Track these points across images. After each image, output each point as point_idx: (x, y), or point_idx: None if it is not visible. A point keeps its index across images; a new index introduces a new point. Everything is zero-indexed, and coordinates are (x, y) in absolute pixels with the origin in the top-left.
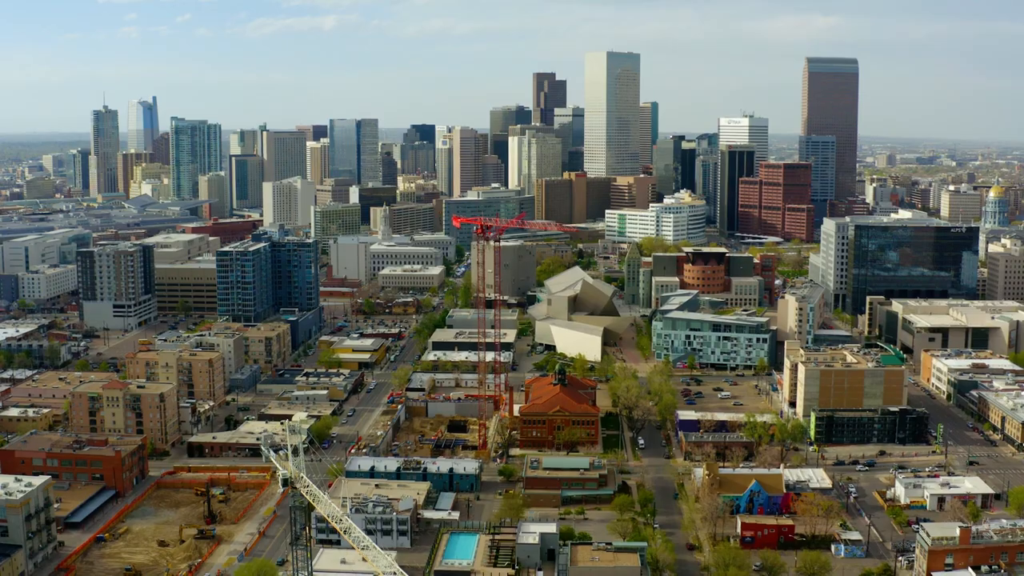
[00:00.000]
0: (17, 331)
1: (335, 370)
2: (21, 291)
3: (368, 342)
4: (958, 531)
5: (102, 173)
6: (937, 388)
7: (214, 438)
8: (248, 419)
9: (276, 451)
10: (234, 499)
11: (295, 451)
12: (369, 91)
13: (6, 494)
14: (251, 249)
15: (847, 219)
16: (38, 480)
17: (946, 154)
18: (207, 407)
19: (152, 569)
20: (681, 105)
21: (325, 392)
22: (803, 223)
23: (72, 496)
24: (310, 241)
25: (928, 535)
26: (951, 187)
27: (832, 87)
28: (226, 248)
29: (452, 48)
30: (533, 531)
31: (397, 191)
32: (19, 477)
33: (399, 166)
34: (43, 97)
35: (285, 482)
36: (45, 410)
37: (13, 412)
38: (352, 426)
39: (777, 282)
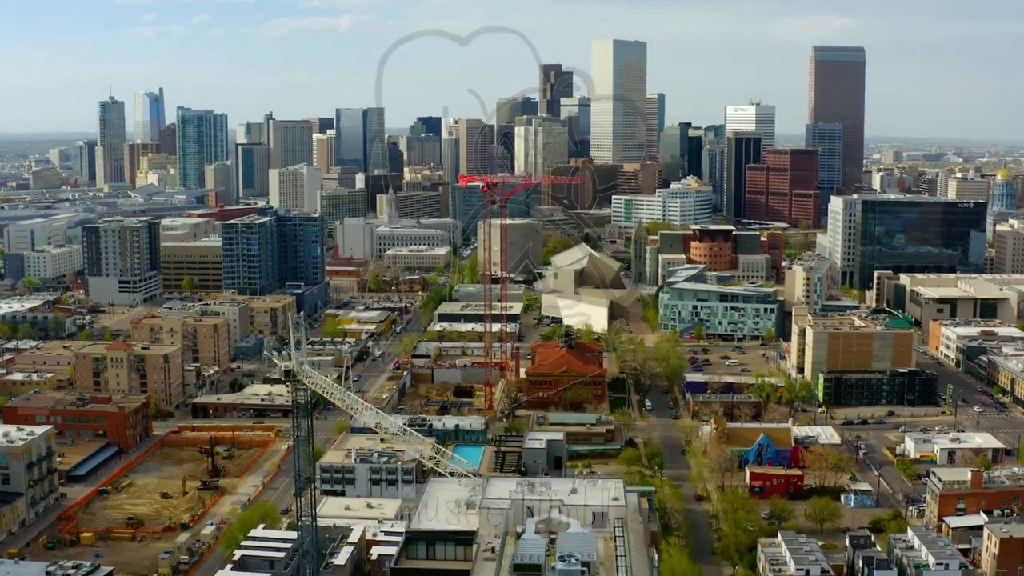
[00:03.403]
0: (22, 306)
1: (340, 339)
2: (27, 270)
3: (374, 314)
4: (969, 475)
5: (108, 164)
6: (946, 356)
7: (218, 399)
8: (252, 383)
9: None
10: (238, 456)
11: (297, 344)
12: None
13: (7, 441)
14: (257, 222)
15: (854, 196)
16: (40, 429)
17: (953, 152)
18: (212, 371)
19: (154, 519)
20: (688, 98)
21: (330, 358)
22: (810, 209)
23: (75, 452)
24: (316, 216)
25: (939, 480)
26: (958, 175)
27: (839, 76)
28: (232, 221)
29: (462, 48)
30: (539, 437)
31: (403, 180)
32: (21, 427)
33: (405, 157)
34: (50, 97)
35: (287, 374)
36: (49, 375)
37: (17, 376)
38: (357, 391)
39: (784, 263)
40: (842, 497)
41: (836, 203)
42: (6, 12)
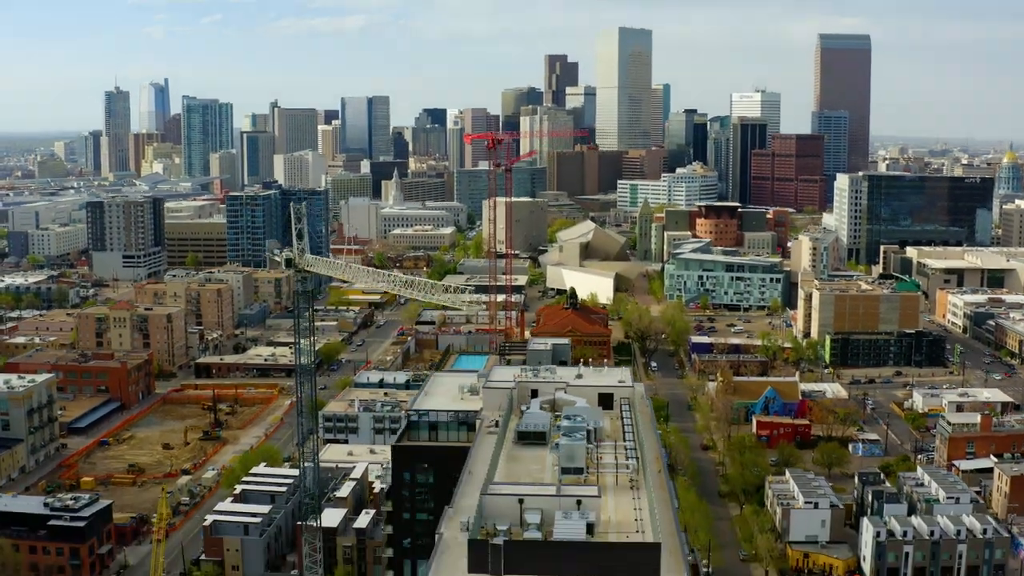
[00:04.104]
0: (26, 280)
1: (345, 308)
2: (31, 247)
3: (379, 286)
4: (979, 418)
5: (113, 154)
6: (953, 324)
7: (221, 359)
8: (256, 346)
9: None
10: (241, 412)
11: (299, 235)
12: (382, 81)
13: (8, 388)
14: (261, 194)
15: (860, 174)
16: (41, 377)
17: (958, 149)
18: (215, 335)
19: (156, 467)
20: (693, 86)
21: (335, 323)
22: (815, 195)
23: (76, 406)
24: (321, 189)
25: (948, 424)
26: (964, 162)
27: (845, 65)
28: (236, 193)
29: (472, 48)
30: (544, 342)
31: (409, 170)
32: (22, 375)
33: (411, 148)
34: (57, 97)
35: (288, 263)
36: (52, 338)
37: (20, 339)
38: (361, 354)
39: (790, 244)
40: (850, 446)
41: (842, 180)
42: (16, 17)
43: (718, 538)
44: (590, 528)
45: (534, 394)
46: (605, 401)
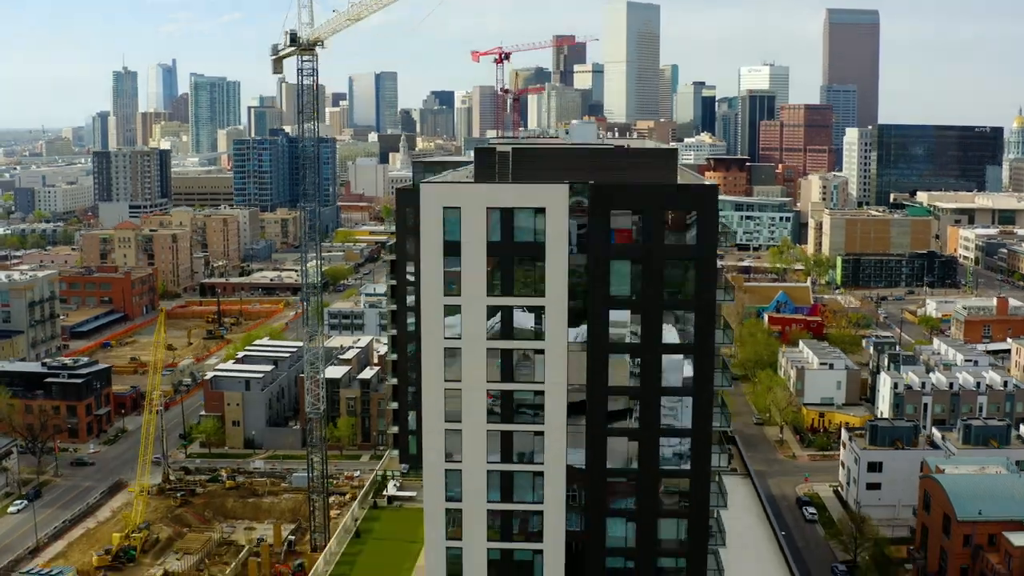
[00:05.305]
0: (32, 227)
1: (353, 243)
2: (37, 204)
3: (384, 227)
4: (995, 301)
5: (121, 133)
6: (964, 258)
7: (226, 280)
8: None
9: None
10: (245, 324)
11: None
12: (391, 67)
13: (10, 280)
14: (268, 139)
15: (869, 127)
16: (43, 272)
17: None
18: (221, 263)
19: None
20: (701, 60)
21: (341, 254)
22: (824, 165)
23: (80, 314)
24: (328, 138)
25: (965, 307)
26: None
27: (853, 38)
28: (243, 137)
29: (483, 44)
30: None
31: (417, 147)
32: (24, 271)
33: (418, 128)
34: (69, 94)
35: (293, 39)
36: (55, 271)
37: (24, 267)
38: (367, 279)
39: (799, 181)
40: (863, 342)
41: (851, 134)
42: (29, 16)
43: (731, 409)
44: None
45: None
46: None
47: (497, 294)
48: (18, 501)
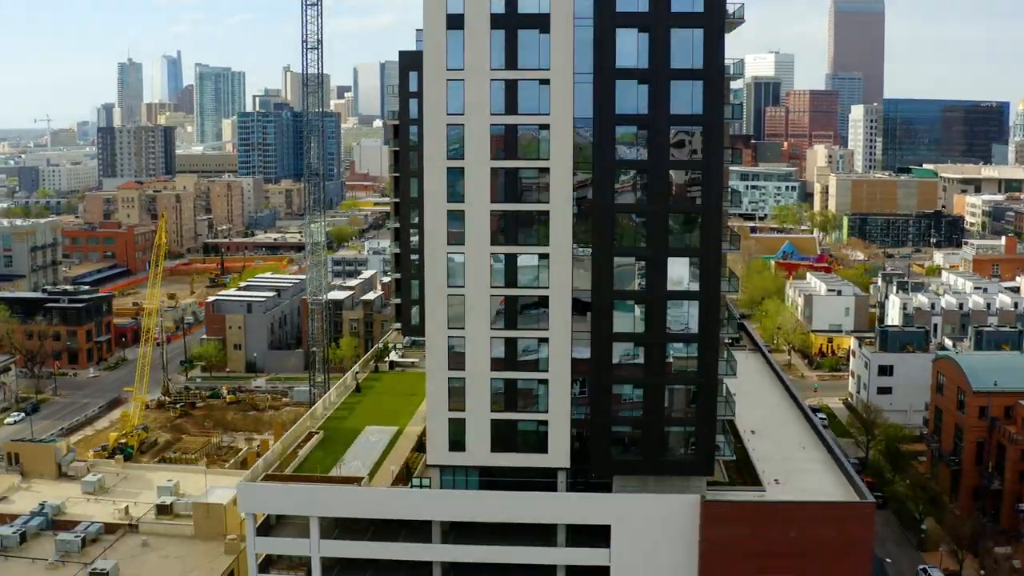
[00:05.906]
0: (37, 200)
1: (358, 211)
2: (41, 182)
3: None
4: (1004, 240)
5: (125, 123)
6: (971, 224)
7: (230, 240)
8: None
9: None
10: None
11: None
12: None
13: (12, 225)
14: (272, 112)
15: (875, 104)
16: (45, 220)
17: None
18: (224, 227)
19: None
20: None
21: (346, 219)
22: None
23: (82, 267)
24: (333, 112)
25: (974, 246)
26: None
27: (858, 26)
28: (247, 110)
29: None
30: None
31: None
32: (27, 219)
33: None
34: (76, 94)
35: None
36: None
37: None
38: (372, 242)
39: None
40: (872, 279)
41: (856, 111)
42: (34, 17)
43: None
44: None
45: None
46: None
47: (502, 112)
48: (15, 413)
